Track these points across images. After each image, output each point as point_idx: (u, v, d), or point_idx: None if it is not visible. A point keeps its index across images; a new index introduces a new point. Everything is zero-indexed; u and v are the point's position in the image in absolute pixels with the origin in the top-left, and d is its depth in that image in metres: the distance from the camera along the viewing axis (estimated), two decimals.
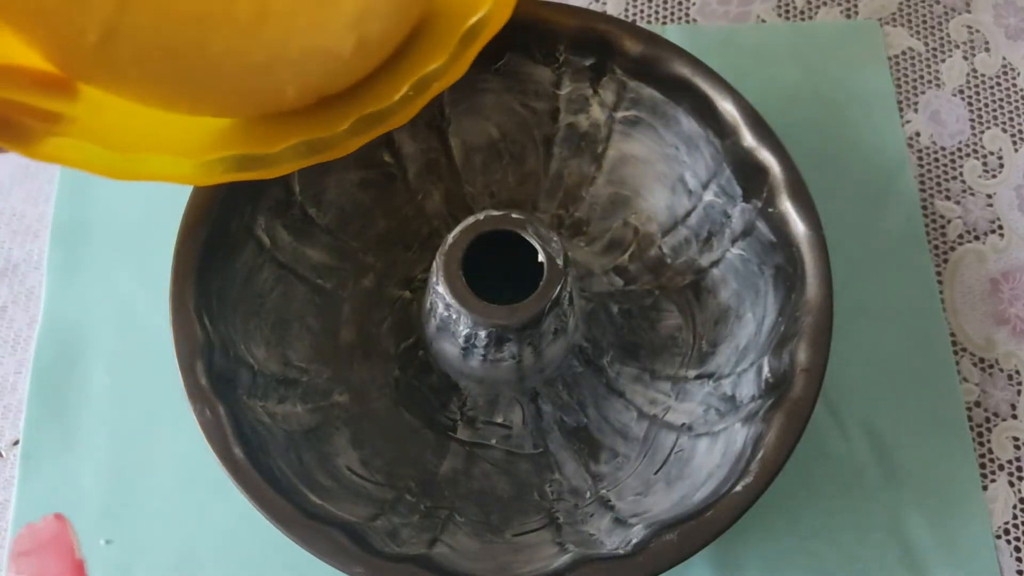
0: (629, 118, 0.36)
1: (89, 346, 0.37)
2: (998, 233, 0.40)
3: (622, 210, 0.37)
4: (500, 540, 0.31)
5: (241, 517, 0.32)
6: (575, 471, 0.33)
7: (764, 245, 0.33)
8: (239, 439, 0.29)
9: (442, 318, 0.30)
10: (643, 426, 0.33)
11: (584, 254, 0.37)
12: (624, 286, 0.36)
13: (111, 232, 0.39)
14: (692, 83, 0.33)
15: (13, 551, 0.33)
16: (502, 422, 0.33)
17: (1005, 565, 0.34)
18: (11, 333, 0.38)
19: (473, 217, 0.29)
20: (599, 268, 0.36)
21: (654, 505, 0.31)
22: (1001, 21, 0.44)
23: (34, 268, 0.39)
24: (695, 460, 0.31)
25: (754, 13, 0.43)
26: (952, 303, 0.38)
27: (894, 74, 0.42)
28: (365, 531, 0.29)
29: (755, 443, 0.29)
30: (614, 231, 0.37)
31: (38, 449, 0.35)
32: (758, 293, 0.33)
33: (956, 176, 0.41)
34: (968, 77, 0.42)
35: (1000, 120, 0.42)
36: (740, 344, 0.33)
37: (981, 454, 0.36)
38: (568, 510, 0.32)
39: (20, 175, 0.40)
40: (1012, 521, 0.35)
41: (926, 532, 0.34)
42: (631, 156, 0.36)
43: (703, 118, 0.34)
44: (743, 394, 0.32)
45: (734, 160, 0.33)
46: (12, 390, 0.37)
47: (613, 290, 0.36)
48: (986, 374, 0.37)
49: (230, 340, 0.31)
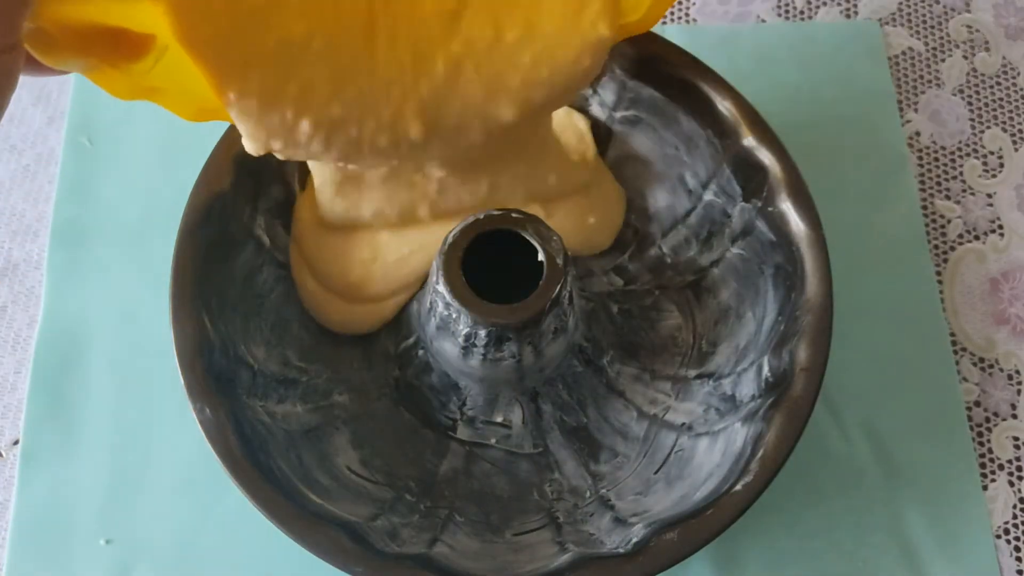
0: (629, 118, 0.36)
1: (89, 346, 0.37)
2: (998, 233, 0.40)
3: None
4: (500, 540, 0.31)
5: (241, 517, 0.32)
6: (575, 470, 0.33)
7: (764, 245, 0.33)
8: (239, 439, 0.29)
9: (442, 317, 0.30)
10: (643, 426, 0.33)
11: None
12: (624, 286, 0.36)
13: (111, 232, 0.39)
14: (692, 83, 0.33)
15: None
16: (502, 422, 0.33)
17: (1005, 565, 0.34)
18: (11, 333, 0.38)
19: (473, 216, 0.29)
20: (599, 268, 0.36)
21: (654, 504, 0.31)
22: (1001, 21, 0.44)
23: (34, 268, 0.39)
24: (695, 459, 0.31)
25: (754, 13, 0.43)
26: (952, 303, 0.38)
27: (894, 74, 0.42)
28: (365, 531, 0.29)
29: (755, 442, 0.29)
30: None
31: (38, 449, 0.35)
32: (758, 293, 0.33)
33: (956, 176, 0.41)
34: (968, 77, 0.42)
35: (1000, 119, 0.42)
36: (740, 344, 0.33)
37: (981, 454, 0.36)
38: (568, 509, 0.32)
39: (20, 175, 0.40)
40: (1012, 521, 0.35)
41: (926, 532, 0.34)
42: (631, 156, 0.36)
43: (703, 118, 0.34)
44: (743, 393, 0.32)
45: (734, 160, 0.33)
46: (12, 390, 0.37)
47: (613, 290, 0.36)
48: (986, 374, 0.37)
49: (230, 340, 0.31)
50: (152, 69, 0.24)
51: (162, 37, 0.23)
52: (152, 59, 0.24)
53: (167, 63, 0.24)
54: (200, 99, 0.25)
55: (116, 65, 0.23)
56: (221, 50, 0.23)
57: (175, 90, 0.25)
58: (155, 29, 0.23)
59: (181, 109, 0.26)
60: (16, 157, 0.41)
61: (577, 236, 0.34)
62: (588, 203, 0.35)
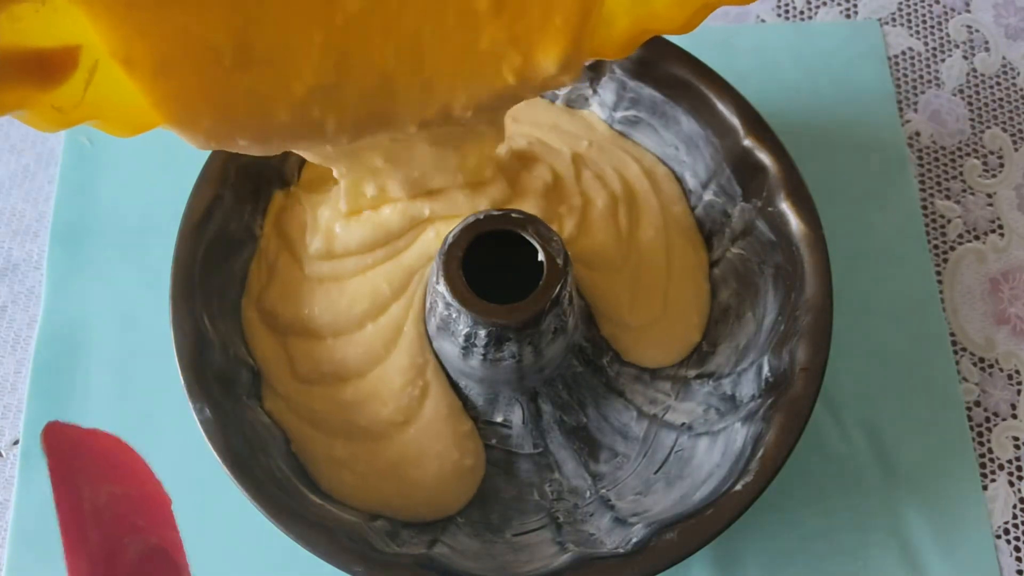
0: (629, 118, 0.36)
1: (89, 346, 0.37)
2: (998, 233, 0.40)
3: None
4: (500, 540, 0.31)
5: (241, 517, 0.32)
6: (575, 470, 0.33)
7: (764, 244, 0.33)
8: (239, 439, 0.29)
9: (442, 317, 0.30)
10: (643, 425, 0.33)
11: None
12: None
13: (111, 232, 0.39)
14: (692, 83, 0.33)
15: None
16: (502, 422, 0.33)
17: (1005, 565, 0.34)
18: (11, 333, 0.38)
19: (473, 216, 0.29)
20: None
21: (654, 504, 0.31)
22: (1001, 21, 0.44)
23: (34, 268, 0.39)
24: (695, 459, 0.31)
25: (753, 13, 0.43)
26: (952, 303, 0.38)
27: (894, 74, 0.42)
28: (365, 531, 0.29)
29: (755, 442, 0.29)
30: None
31: (38, 449, 0.35)
32: (758, 292, 0.33)
33: (956, 176, 0.41)
34: (968, 77, 0.42)
35: (1000, 119, 0.42)
36: (740, 343, 0.33)
37: (981, 454, 0.36)
38: (568, 510, 0.32)
39: (20, 175, 0.40)
40: (1012, 521, 0.35)
41: (926, 532, 0.34)
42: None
43: (703, 118, 0.34)
44: (743, 393, 0.32)
45: (734, 160, 0.33)
46: (12, 390, 0.37)
47: None
48: (986, 374, 0.37)
49: (230, 340, 0.31)
50: (83, 100, 0.22)
51: (89, 54, 0.21)
52: (81, 83, 0.21)
53: (97, 84, 0.22)
54: (136, 113, 0.23)
55: (44, 90, 0.21)
56: (162, 67, 0.21)
57: (111, 110, 0.23)
58: (82, 40, 0.21)
59: (118, 128, 0.24)
60: (16, 157, 0.41)
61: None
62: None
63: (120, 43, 0.21)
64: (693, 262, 0.35)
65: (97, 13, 0.20)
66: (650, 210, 0.34)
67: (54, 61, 0.21)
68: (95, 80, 0.22)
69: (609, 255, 0.33)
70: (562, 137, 0.35)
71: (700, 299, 0.34)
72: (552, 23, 0.24)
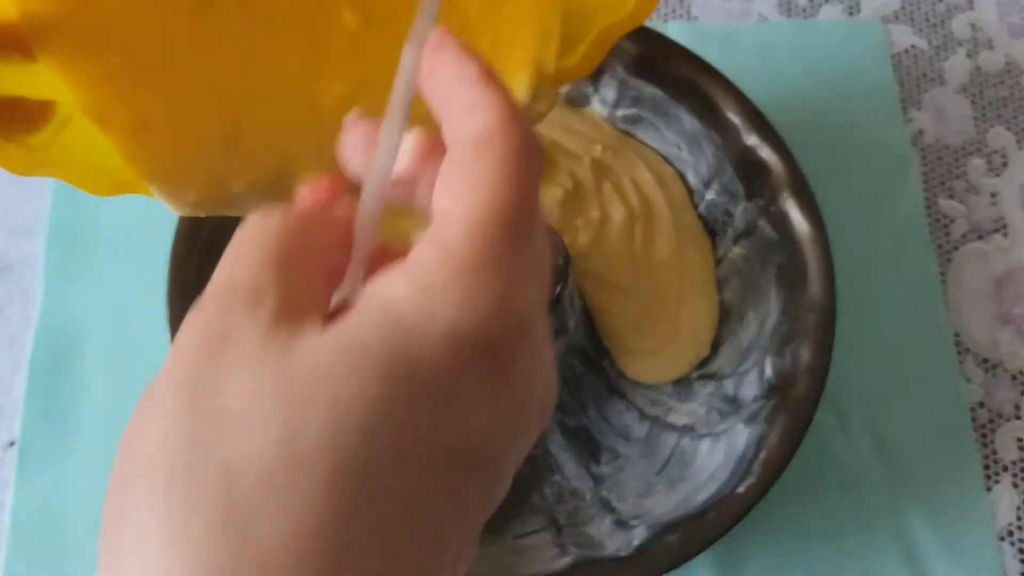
0: (630, 116, 0.36)
1: (85, 346, 0.37)
2: (1002, 232, 0.39)
3: None
4: (501, 542, 0.31)
5: None
6: (576, 472, 0.32)
7: (766, 244, 0.33)
8: None
9: None
10: (644, 427, 0.33)
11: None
12: None
13: (108, 232, 0.39)
14: (694, 81, 0.33)
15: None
16: None
17: (1009, 567, 0.34)
18: (7, 333, 0.38)
19: None
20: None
21: (655, 506, 0.30)
22: (1004, 19, 0.43)
23: (30, 268, 0.39)
24: (697, 461, 0.31)
25: (756, 10, 0.43)
26: (956, 303, 0.38)
27: (897, 72, 0.42)
28: None
29: (757, 444, 0.29)
30: None
31: (34, 450, 0.35)
32: (760, 292, 0.33)
33: (960, 174, 0.40)
34: (972, 75, 0.42)
35: (1004, 118, 0.41)
36: (742, 344, 0.33)
37: (985, 455, 0.36)
38: (569, 512, 0.32)
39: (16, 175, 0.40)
40: (1016, 523, 0.35)
41: (929, 534, 0.34)
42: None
43: (705, 116, 0.34)
44: (745, 394, 0.31)
45: (736, 158, 0.33)
46: (8, 390, 0.36)
47: None
48: (990, 375, 0.37)
49: None
50: (53, 142, 0.21)
51: (64, 107, 0.20)
52: (52, 131, 0.21)
53: (70, 135, 0.21)
54: (114, 172, 0.22)
55: (11, 138, 0.20)
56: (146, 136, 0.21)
57: (81, 164, 0.22)
58: (57, 96, 0.20)
59: (92, 185, 0.23)
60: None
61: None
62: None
63: (94, 105, 0.20)
64: (704, 274, 0.34)
65: (76, 80, 0.20)
66: (664, 224, 0.34)
67: (28, 109, 0.20)
68: (67, 131, 0.21)
69: (621, 277, 0.33)
70: (575, 139, 0.35)
71: (711, 315, 0.34)
72: (514, 57, 0.24)
